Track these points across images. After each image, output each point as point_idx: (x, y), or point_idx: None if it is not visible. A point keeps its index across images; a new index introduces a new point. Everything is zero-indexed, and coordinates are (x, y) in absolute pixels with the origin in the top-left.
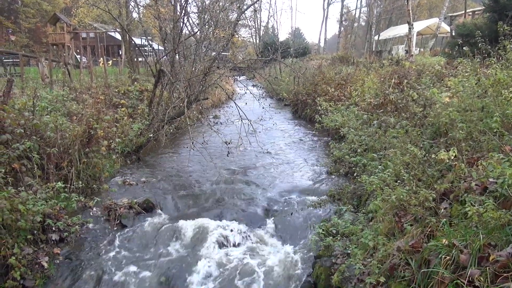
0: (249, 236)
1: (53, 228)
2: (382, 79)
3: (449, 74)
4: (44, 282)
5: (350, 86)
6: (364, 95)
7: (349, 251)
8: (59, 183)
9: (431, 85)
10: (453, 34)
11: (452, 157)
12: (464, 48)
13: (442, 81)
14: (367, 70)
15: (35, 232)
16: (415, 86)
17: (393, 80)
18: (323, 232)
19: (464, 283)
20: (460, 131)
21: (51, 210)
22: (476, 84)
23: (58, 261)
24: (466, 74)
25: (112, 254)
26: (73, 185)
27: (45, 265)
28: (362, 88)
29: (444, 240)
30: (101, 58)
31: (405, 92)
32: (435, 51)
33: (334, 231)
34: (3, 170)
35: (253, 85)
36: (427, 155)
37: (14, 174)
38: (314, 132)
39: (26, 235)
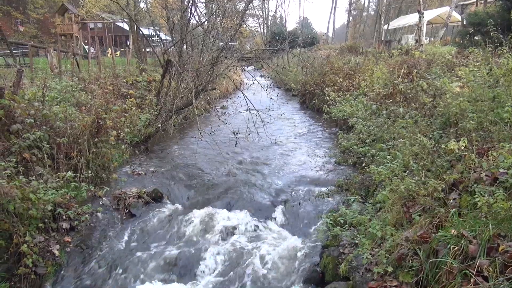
0: (256, 225)
1: (64, 217)
2: (391, 69)
3: (460, 63)
4: (56, 270)
5: (359, 76)
6: (373, 85)
7: (356, 241)
8: (69, 172)
9: (442, 74)
10: (464, 23)
11: (462, 148)
12: (475, 37)
13: (453, 71)
14: (376, 60)
15: (46, 220)
16: (425, 76)
17: (402, 70)
18: (331, 222)
19: (472, 274)
20: (471, 121)
21: (62, 199)
22: (487, 73)
23: (68, 249)
24: (477, 63)
25: (121, 242)
26: (82, 174)
27: (56, 253)
28: (371, 78)
29: (453, 231)
30: (109, 49)
31: (414, 82)
32: (446, 41)
33: (342, 221)
34: (14, 160)
35: (261, 76)
36: (436, 145)
37: (25, 163)
38: (322, 122)
39: (38, 224)
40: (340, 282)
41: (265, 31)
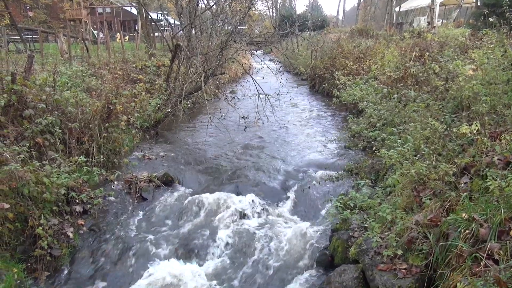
0: (266, 209)
1: (77, 201)
2: (402, 52)
3: (473, 46)
4: (70, 251)
5: (369, 59)
6: (384, 68)
7: (366, 225)
8: (81, 157)
9: (455, 57)
10: (479, 4)
11: (474, 131)
12: (490, 18)
13: (466, 54)
14: (387, 43)
15: (60, 204)
16: (437, 59)
17: (414, 53)
18: (341, 206)
19: (483, 257)
20: (484, 105)
21: (74, 183)
22: (501, 56)
23: (82, 232)
24: (492, 45)
25: (133, 225)
26: (94, 159)
27: (70, 235)
28: (382, 61)
29: (463, 214)
30: (118, 34)
31: (426, 65)
32: (459, 23)
33: (352, 205)
34: (28, 145)
35: (270, 60)
36: (448, 129)
37: (38, 148)
38: (331, 107)
39: (52, 207)
40: (349, 264)
41: (274, 14)
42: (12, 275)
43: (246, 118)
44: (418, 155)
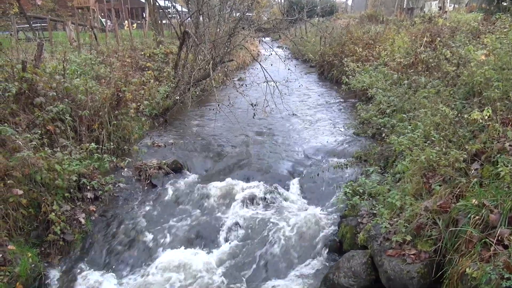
0: (275, 196)
1: (88, 187)
2: (413, 37)
3: (486, 31)
4: (83, 237)
5: (379, 45)
6: (394, 54)
7: (375, 211)
8: (92, 144)
9: (467, 42)
10: None
11: (486, 117)
12: (503, 2)
13: (478, 39)
14: (397, 29)
15: (72, 190)
16: (448, 44)
17: (425, 39)
18: (350, 192)
19: (492, 242)
20: (496, 90)
21: (86, 170)
22: None
23: (94, 218)
24: (505, 30)
25: (144, 211)
26: (104, 146)
27: (83, 221)
28: (392, 47)
29: (474, 200)
30: (126, 21)
31: (437, 50)
32: (471, 7)
33: (361, 191)
34: (39, 132)
35: (278, 47)
36: (459, 115)
37: (49, 136)
38: (340, 94)
39: (64, 193)
40: (358, 250)
41: (283, 0)
42: (27, 259)
43: (255, 105)
44: (428, 142)
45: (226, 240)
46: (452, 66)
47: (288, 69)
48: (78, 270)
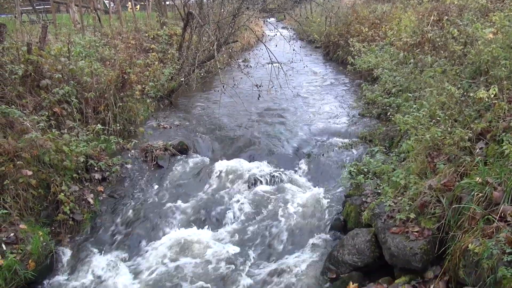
0: (280, 176)
1: (96, 168)
2: (420, 16)
3: (494, 8)
4: (91, 217)
5: (385, 25)
6: (400, 34)
7: (379, 191)
8: (98, 125)
9: (474, 20)
10: None
11: (492, 96)
12: None
13: (486, 17)
14: (404, 7)
15: (80, 171)
16: (456, 23)
17: (432, 17)
18: (354, 171)
19: (495, 219)
20: (503, 69)
21: (93, 151)
22: None
23: (102, 198)
24: None
25: (151, 192)
26: (110, 128)
27: (91, 201)
28: (398, 26)
29: (477, 178)
30: (129, 3)
31: (444, 29)
32: None
33: (365, 170)
34: (46, 114)
35: (283, 27)
36: (465, 94)
37: (56, 118)
38: (346, 74)
39: (72, 174)
40: (362, 228)
41: None
42: (38, 237)
43: (260, 86)
44: (433, 121)
45: (232, 219)
46: (459, 45)
47: (293, 50)
48: (88, 249)
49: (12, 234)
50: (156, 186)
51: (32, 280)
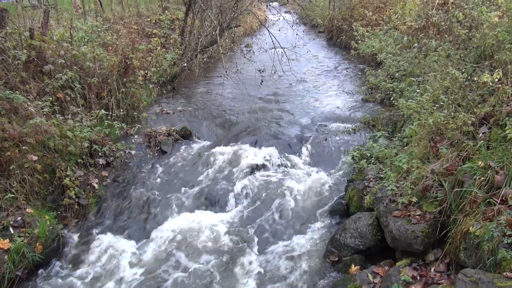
0: (283, 161)
1: (100, 154)
2: (425, 0)
3: None
4: (96, 201)
5: (390, 9)
6: (405, 18)
7: (382, 175)
8: (102, 110)
9: (479, 3)
10: None
11: (496, 80)
12: None
13: (492, 0)
14: None
15: (84, 156)
16: (461, 6)
17: (437, 1)
18: (357, 156)
19: (496, 202)
20: (507, 53)
21: (97, 137)
22: None
23: (106, 183)
24: None
25: (155, 176)
26: (114, 113)
27: (96, 186)
28: (403, 10)
29: (480, 162)
30: None
31: (449, 13)
32: None
33: (368, 155)
34: (50, 99)
35: (286, 12)
36: (469, 78)
37: (60, 103)
38: (349, 59)
39: (76, 159)
40: (364, 212)
41: None
42: (44, 221)
43: (263, 71)
44: (437, 106)
45: (236, 203)
46: (464, 29)
47: (296, 35)
48: (93, 232)
49: (19, 218)
50: (159, 171)
51: (39, 263)
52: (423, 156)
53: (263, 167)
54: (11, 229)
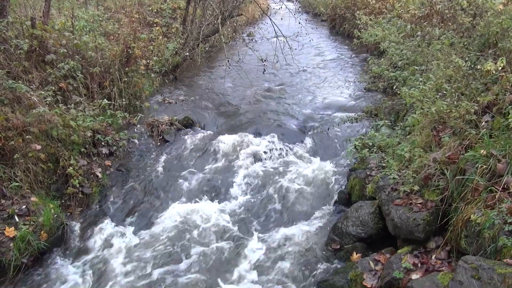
0: (285, 150)
1: (103, 143)
2: None
3: None
4: (100, 190)
5: None
6: (408, 6)
7: (384, 164)
8: (104, 100)
9: None
10: None
11: (500, 68)
12: None
13: None
14: None
15: (87, 146)
16: None
17: None
18: (359, 145)
19: (498, 190)
20: (511, 40)
21: (99, 126)
22: None
23: (109, 172)
24: None
25: (157, 166)
26: (116, 103)
27: (99, 175)
28: None
29: (482, 151)
30: None
31: (453, 0)
32: None
33: (370, 144)
34: (53, 89)
35: (288, 0)
36: (472, 67)
37: (62, 93)
38: (352, 48)
39: (80, 149)
40: (366, 201)
41: None
42: (49, 210)
43: (265, 60)
44: (439, 94)
45: (238, 192)
46: (468, 17)
47: (299, 23)
48: (97, 221)
49: (24, 207)
50: (162, 160)
51: (44, 251)
52: (425, 145)
53: (266, 156)
54: (16, 217)
